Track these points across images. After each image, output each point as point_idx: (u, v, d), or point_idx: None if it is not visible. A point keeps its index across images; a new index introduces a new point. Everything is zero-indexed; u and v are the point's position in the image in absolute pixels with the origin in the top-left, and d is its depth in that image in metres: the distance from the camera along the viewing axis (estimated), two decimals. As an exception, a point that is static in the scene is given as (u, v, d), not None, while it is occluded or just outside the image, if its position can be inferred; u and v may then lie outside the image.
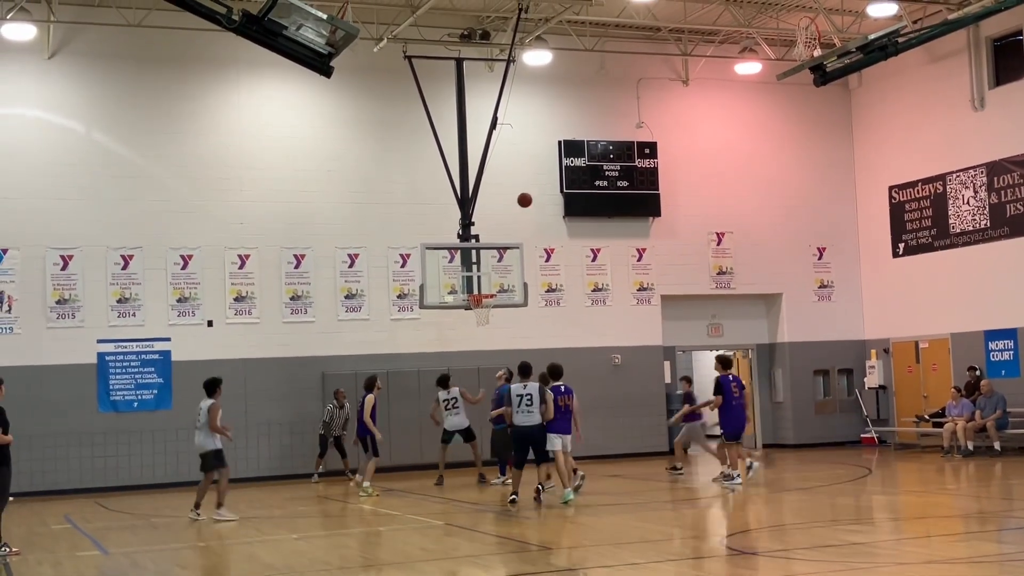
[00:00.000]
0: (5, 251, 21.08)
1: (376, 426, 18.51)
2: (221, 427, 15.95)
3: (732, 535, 13.15)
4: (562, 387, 16.28)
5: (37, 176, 21.38)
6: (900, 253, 25.69)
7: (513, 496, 15.66)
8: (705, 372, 28.95)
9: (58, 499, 19.77)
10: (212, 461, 15.92)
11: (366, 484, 18.50)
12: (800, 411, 26.13)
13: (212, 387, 16.13)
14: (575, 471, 16.68)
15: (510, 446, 17.04)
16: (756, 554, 11.50)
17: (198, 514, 15.85)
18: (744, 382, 19.42)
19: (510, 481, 17.08)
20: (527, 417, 15.55)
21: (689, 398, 20.15)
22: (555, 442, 16.02)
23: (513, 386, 16.25)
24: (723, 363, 18.04)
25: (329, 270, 23.03)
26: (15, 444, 12.93)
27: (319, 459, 21.60)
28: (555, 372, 16.41)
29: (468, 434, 20.22)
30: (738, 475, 17.32)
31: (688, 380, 20.78)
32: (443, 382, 20.08)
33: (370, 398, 18.76)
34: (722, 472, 17.87)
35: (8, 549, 12.18)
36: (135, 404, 21.61)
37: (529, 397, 15.52)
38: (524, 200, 20.78)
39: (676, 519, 14.85)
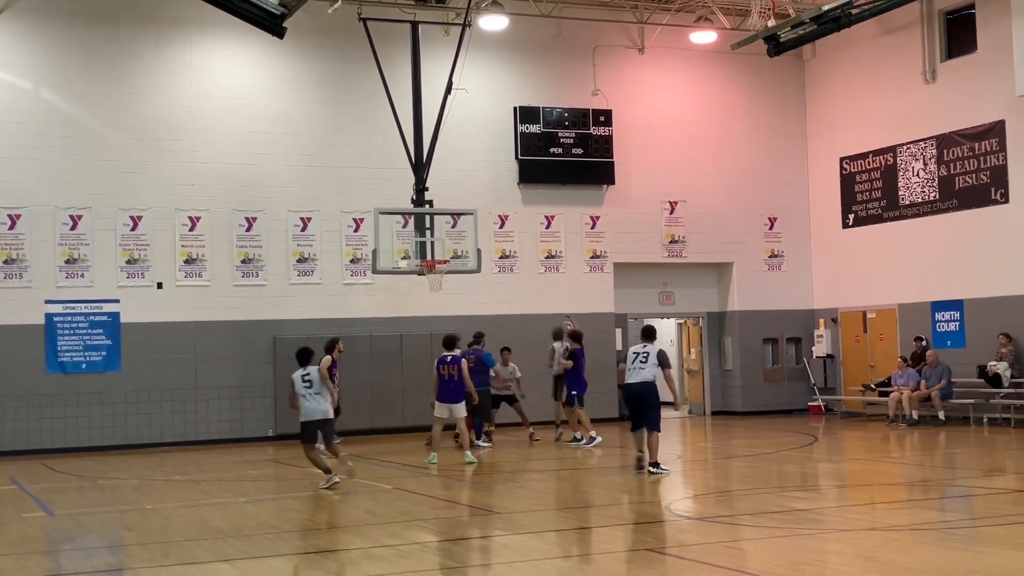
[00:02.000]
0: (-50, 209, 20.78)
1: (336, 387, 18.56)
2: (330, 384, 14.95)
3: (678, 500, 13.28)
4: (448, 357, 17.10)
5: (-16, 134, 21.06)
6: (850, 224, 25.94)
7: (640, 462, 14.95)
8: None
9: (4, 460, 19.59)
10: (329, 428, 14.95)
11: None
12: (749, 379, 26.40)
13: (308, 356, 14.85)
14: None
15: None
16: (701, 519, 11.63)
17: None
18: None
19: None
20: (636, 375, 14.96)
21: None
22: (441, 410, 16.99)
23: (632, 346, 15.85)
24: (574, 337, 19.65)
25: (281, 233, 22.89)
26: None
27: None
28: (447, 342, 17.45)
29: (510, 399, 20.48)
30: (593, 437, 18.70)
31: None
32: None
33: (326, 359, 18.75)
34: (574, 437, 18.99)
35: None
36: (83, 366, 21.42)
37: (645, 356, 14.89)
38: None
39: (623, 485, 14.96)
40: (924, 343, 23.38)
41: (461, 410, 17.19)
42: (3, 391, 20.73)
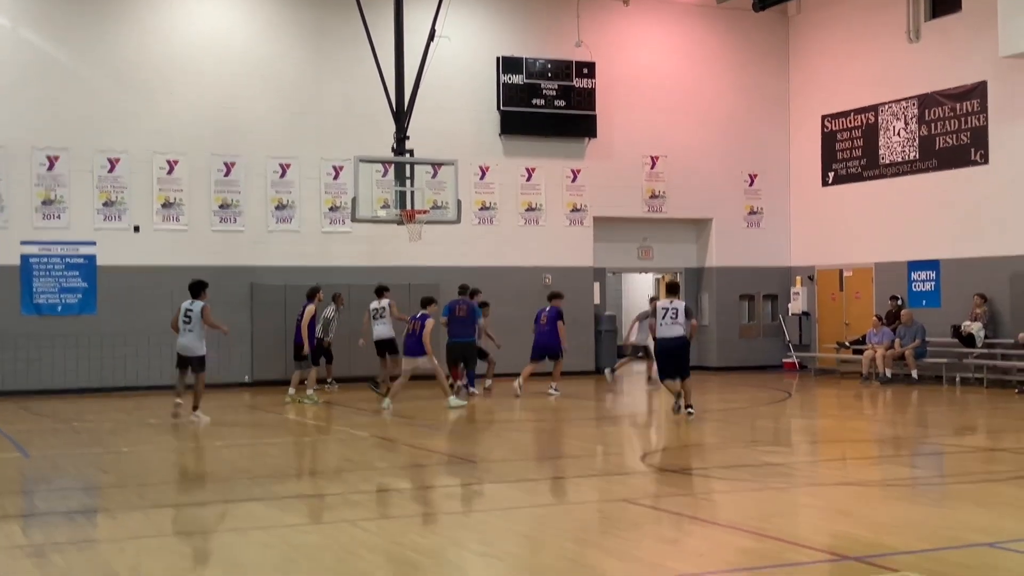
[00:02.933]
0: (-75, 148, 20.55)
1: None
2: (217, 323, 16.12)
3: (651, 453, 13.38)
4: (418, 314, 17.78)
5: (-41, 71, 20.80)
6: (829, 182, 25.98)
7: (678, 404, 16.04)
8: (634, 296, 29.28)
9: (-22, 402, 19.54)
10: (198, 364, 16.01)
11: (310, 392, 18.78)
12: (724, 335, 26.52)
13: (200, 288, 16.17)
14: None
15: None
16: (675, 472, 11.72)
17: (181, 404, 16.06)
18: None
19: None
20: (670, 330, 15.79)
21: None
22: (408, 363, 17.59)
23: (659, 301, 16.71)
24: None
25: (260, 179, 22.76)
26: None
27: (329, 367, 21.05)
28: (424, 301, 18.15)
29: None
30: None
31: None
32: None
33: (310, 308, 18.92)
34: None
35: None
36: (59, 308, 21.32)
37: (675, 311, 15.80)
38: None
39: (598, 436, 15.06)
40: (899, 302, 23.52)
41: (425, 363, 17.42)
42: (-22, 332, 20.62)
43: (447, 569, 7.43)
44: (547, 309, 20.39)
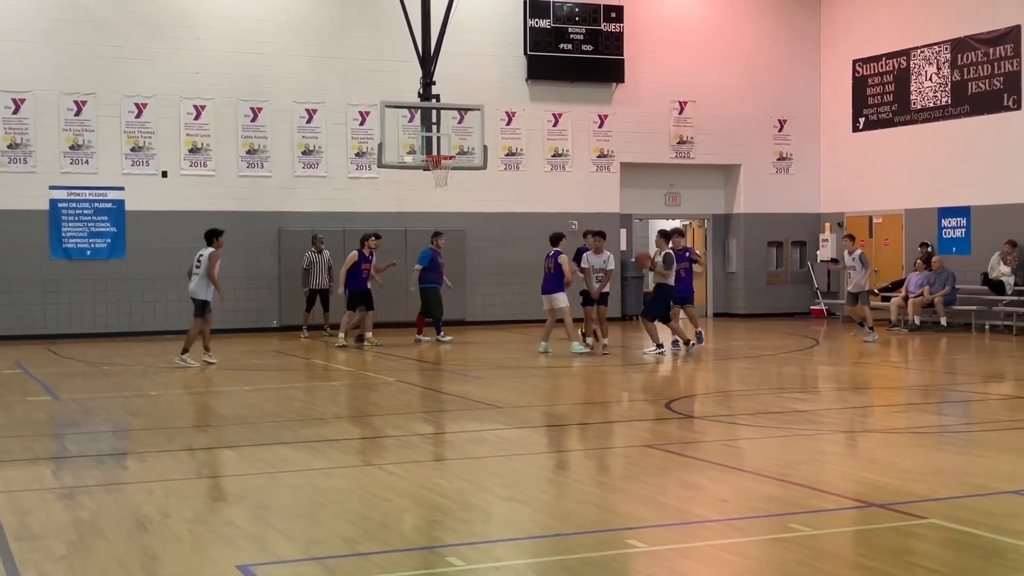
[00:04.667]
0: (-46, 92, 20.60)
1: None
2: (217, 280, 16.22)
3: (678, 399, 13.39)
4: (551, 252, 18.08)
5: (-13, 16, 20.79)
6: (860, 128, 25.71)
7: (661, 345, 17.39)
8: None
9: (9, 344, 19.73)
10: (198, 309, 16.15)
11: (369, 335, 19.19)
12: (752, 282, 26.43)
13: (212, 236, 16.33)
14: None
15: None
16: (700, 418, 11.73)
17: (211, 358, 16.29)
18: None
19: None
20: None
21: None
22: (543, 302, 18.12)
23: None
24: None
25: (286, 125, 22.73)
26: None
27: (306, 314, 21.24)
28: (553, 238, 18.37)
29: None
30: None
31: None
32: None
33: (352, 255, 19.22)
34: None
35: (-42, 392, 12.20)
36: (88, 252, 21.45)
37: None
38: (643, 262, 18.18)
39: (624, 383, 15.08)
40: (930, 249, 23.34)
41: (558, 300, 17.68)
42: (8, 276, 20.78)
43: (473, 513, 7.47)
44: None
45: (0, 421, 11.36)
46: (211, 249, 16.18)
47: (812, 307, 26.31)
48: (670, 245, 17.58)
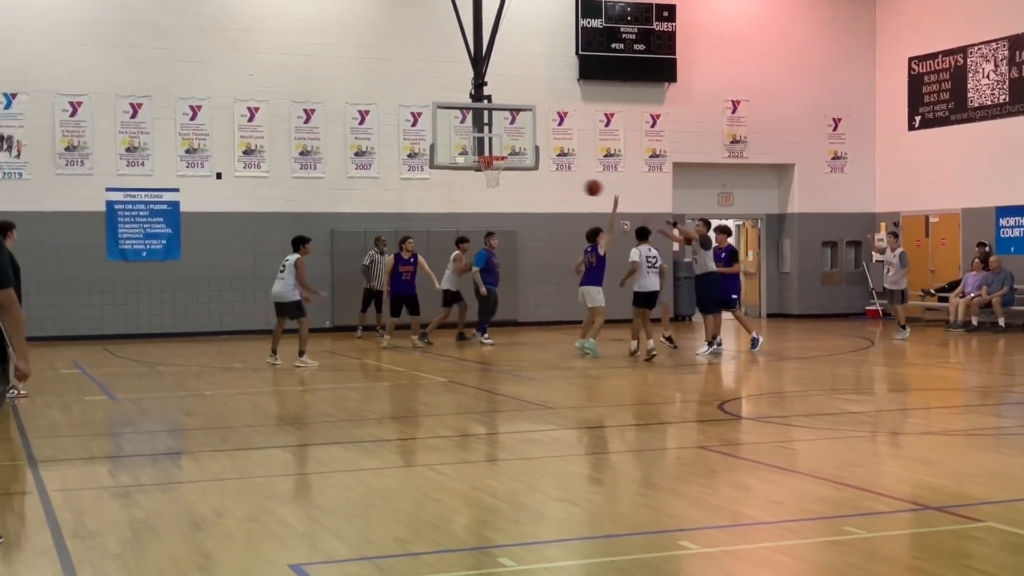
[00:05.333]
0: (14, 95, 20.92)
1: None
2: (310, 286, 16.58)
3: (730, 400, 13.30)
4: (588, 248, 17.82)
5: (48, 20, 21.09)
6: (916, 126, 25.40)
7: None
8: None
9: (67, 345, 20.01)
10: (292, 311, 16.37)
11: (421, 334, 19.34)
12: (806, 282, 26.19)
13: (298, 243, 16.51)
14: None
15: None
16: (754, 419, 11.64)
17: (276, 360, 16.36)
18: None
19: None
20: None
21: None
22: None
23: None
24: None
25: (339, 126, 22.86)
26: (25, 289, 13.00)
27: (361, 314, 21.33)
28: (590, 234, 17.93)
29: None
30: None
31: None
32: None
33: (391, 259, 19.42)
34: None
35: (16, 392, 12.36)
36: (143, 253, 21.71)
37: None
38: (594, 188, 18.37)
39: (676, 383, 14.99)
40: (987, 248, 23.01)
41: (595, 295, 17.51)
42: (66, 277, 21.07)
43: (524, 514, 7.46)
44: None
45: (58, 420, 11.51)
46: (296, 256, 16.28)
47: (867, 308, 26.03)
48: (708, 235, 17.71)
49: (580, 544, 6.80)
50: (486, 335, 19.98)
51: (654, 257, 17.22)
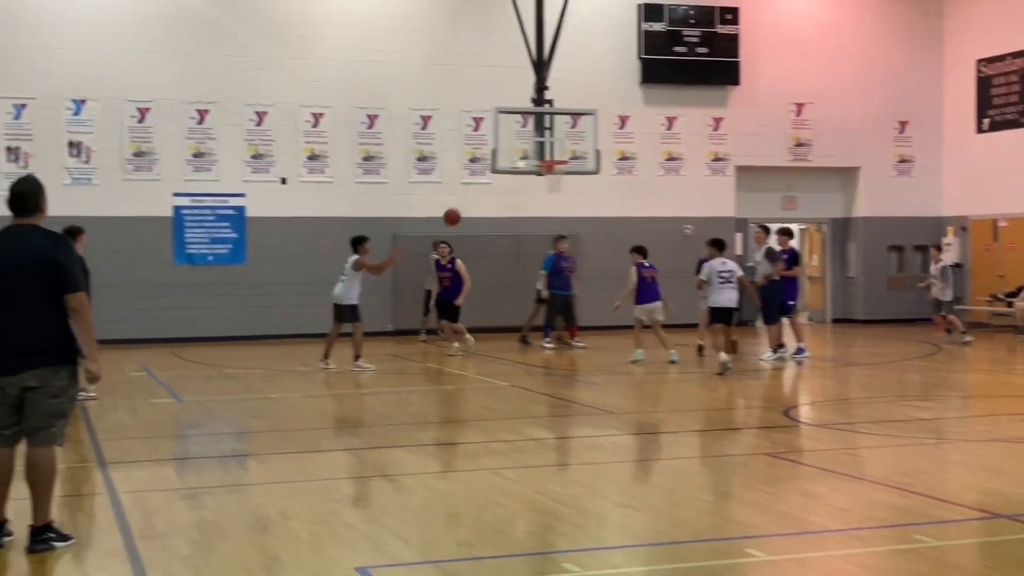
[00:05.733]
0: (83, 102, 21.27)
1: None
2: (378, 264, 16.82)
3: (796, 407, 13.18)
4: (647, 263, 17.86)
5: (116, 28, 21.42)
6: (984, 129, 24.99)
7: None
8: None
9: (134, 348, 20.27)
10: (348, 314, 16.43)
11: (456, 344, 18.91)
12: (872, 287, 25.87)
13: (356, 243, 16.64)
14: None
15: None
16: (820, 426, 11.52)
17: (328, 363, 16.42)
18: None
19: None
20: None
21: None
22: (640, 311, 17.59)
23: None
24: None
25: (402, 131, 22.99)
26: (93, 292, 13.19)
27: (423, 317, 21.38)
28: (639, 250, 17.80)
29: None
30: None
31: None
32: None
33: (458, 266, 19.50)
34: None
35: (86, 394, 12.55)
36: (210, 258, 21.97)
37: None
38: (452, 217, 18.86)
39: (741, 389, 14.88)
40: (1058, 254, 22.58)
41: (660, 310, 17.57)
42: (134, 281, 21.35)
43: (587, 519, 7.44)
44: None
45: (126, 422, 11.68)
46: (355, 257, 16.43)
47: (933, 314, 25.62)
48: (769, 242, 17.50)
49: (644, 550, 6.77)
50: (548, 339, 19.98)
51: (728, 271, 15.80)
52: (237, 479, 8.91)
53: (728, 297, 15.70)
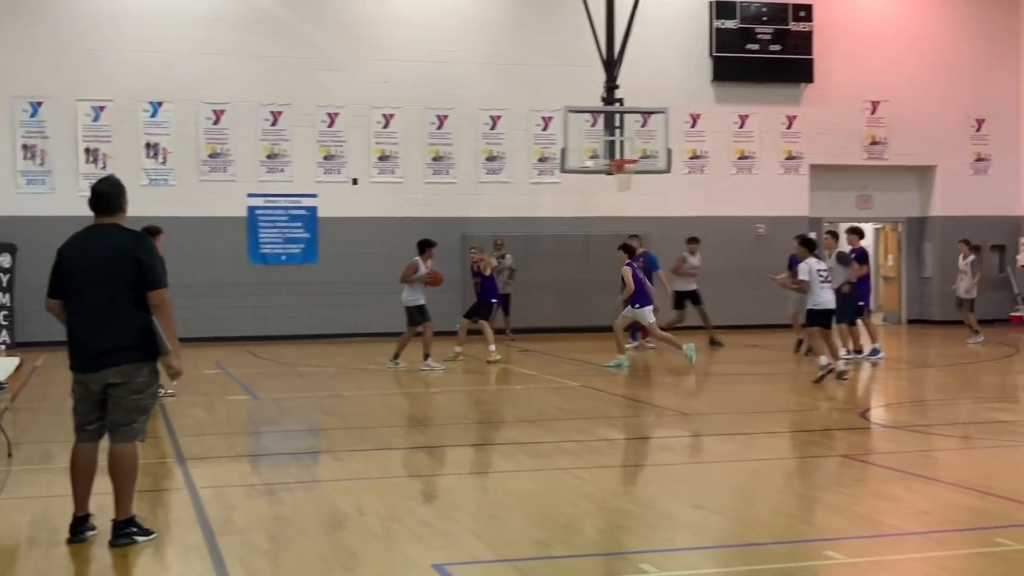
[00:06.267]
0: (160, 104, 21.62)
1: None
2: (414, 279, 16.39)
3: (872, 408, 13.01)
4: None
5: (192, 31, 21.76)
6: (1065, 126, 24.50)
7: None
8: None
9: (210, 346, 20.56)
10: (417, 315, 16.45)
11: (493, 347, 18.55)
12: (948, 287, 25.41)
13: (422, 246, 16.54)
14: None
15: None
16: (896, 427, 11.36)
17: (397, 363, 16.54)
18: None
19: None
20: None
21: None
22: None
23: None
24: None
25: (471, 132, 23.06)
26: (170, 291, 13.36)
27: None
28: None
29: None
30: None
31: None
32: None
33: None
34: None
35: (164, 391, 12.75)
36: (283, 257, 22.23)
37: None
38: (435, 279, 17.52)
39: (814, 390, 14.71)
40: None
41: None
42: (209, 280, 21.67)
43: (660, 520, 7.41)
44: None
45: (203, 419, 11.85)
46: (415, 259, 16.38)
47: (1012, 314, 25.19)
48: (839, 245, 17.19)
49: (721, 552, 6.72)
50: (635, 339, 19.78)
51: (826, 270, 15.08)
52: (313, 475, 8.99)
53: (827, 298, 14.95)
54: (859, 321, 17.76)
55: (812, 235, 15.93)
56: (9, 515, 7.59)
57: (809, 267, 14.85)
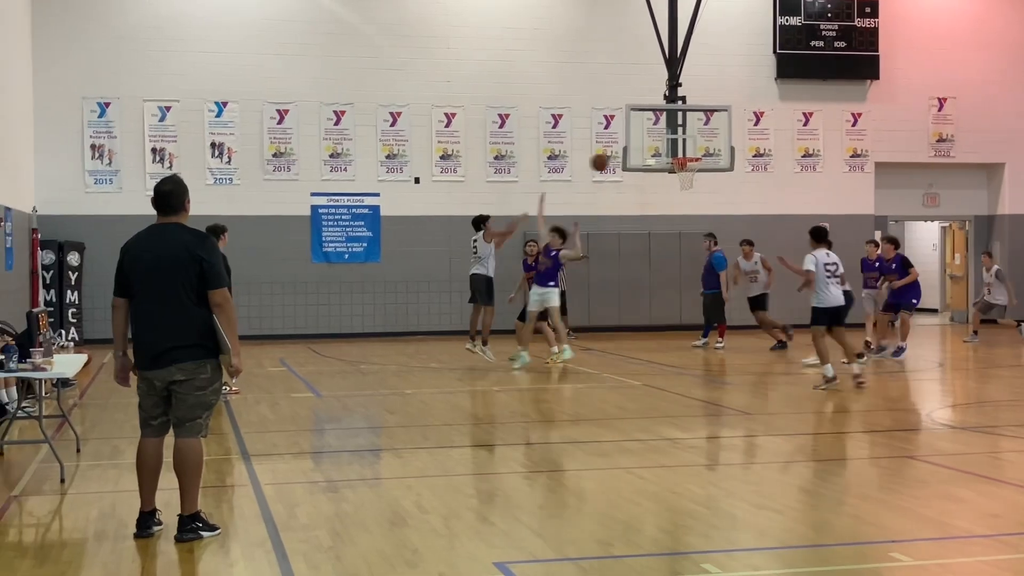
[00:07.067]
0: (225, 104, 21.86)
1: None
2: (503, 230, 16.85)
3: (938, 409, 12.81)
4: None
5: (256, 32, 21.97)
6: None
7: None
8: (918, 246, 28.00)
9: (274, 343, 20.77)
10: (484, 288, 16.72)
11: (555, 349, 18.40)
12: (1017, 287, 24.89)
13: (480, 221, 17.09)
14: None
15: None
16: (962, 428, 11.19)
17: (475, 346, 16.90)
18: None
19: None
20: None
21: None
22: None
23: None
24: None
25: (533, 130, 23.06)
26: (234, 289, 13.51)
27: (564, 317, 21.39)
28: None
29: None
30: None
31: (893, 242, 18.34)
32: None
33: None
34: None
35: (229, 388, 12.89)
36: (346, 256, 22.38)
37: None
38: (599, 163, 19.08)
39: (879, 391, 14.52)
40: None
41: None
42: (273, 278, 21.88)
43: (723, 519, 7.36)
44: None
45: (267, 416, 11.96)
46: (479, 232, 16.87)
47: (1084, 314, 24.66)
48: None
49: (786, 553, 6.65)
50: (704, 339, 19.68)
51: (834, 264, 14.01)
52: (375, 473, 9.04)
53: (835, 295, 13.93)
54: (901, 314, 17.50)
55: (825, 225, 14.66)
56: (77, 510, 7.72)
57: (816, 259, 13.89)
